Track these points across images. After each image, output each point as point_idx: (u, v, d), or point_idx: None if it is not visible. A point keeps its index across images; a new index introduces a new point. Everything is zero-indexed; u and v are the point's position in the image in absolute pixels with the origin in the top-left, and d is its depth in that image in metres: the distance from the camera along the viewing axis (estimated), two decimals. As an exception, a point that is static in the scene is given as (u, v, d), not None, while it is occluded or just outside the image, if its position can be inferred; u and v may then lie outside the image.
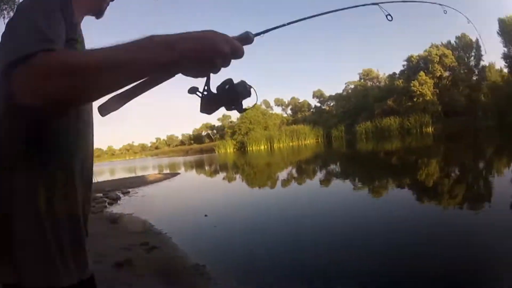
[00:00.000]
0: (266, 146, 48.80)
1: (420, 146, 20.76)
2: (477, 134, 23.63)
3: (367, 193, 8.68)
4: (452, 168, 11.21)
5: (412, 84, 40.36)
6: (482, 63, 41.17)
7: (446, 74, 41.57)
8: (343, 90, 58.27)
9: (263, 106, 66.01)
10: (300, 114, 68.68)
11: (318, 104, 65.79)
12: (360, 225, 5.81)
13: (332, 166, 17.63)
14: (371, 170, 13.41)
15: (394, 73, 49.07)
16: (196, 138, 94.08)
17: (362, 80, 55.61)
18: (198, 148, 71.48)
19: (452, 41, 43.19)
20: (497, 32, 36.78)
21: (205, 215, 7.44)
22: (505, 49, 36.69)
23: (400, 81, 44.47)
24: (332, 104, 61.73)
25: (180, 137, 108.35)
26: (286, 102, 72.70)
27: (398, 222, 5.55)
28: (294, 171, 17.00)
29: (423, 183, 8.85)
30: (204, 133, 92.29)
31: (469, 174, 9.81)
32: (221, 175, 19.80)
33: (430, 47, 42.15)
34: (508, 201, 5.98)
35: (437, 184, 8.56)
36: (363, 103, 48.77)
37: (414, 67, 43.42)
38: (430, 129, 37.07)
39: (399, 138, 30.61)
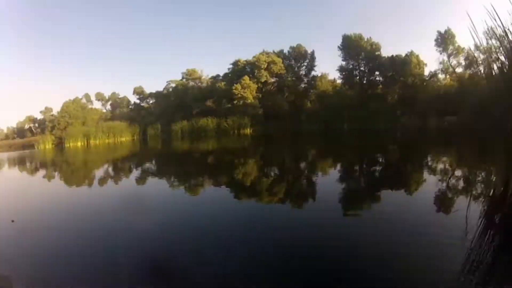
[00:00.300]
0: (83, 143, 45.78)
1: (235, 147, 21.66)
2: (297, 137, 25.36)
3: (181, 191, 8.88)
4: (270, 166, 12.06)
5: (234, 87, 41.00)
6: (314, 73, 43.89)
7: (272, 80, 43.30)
8: (164, 89, 57.47)
9: (84, 100, 61.39)
10: (119, 110, 65.82)
11: (138, 101, 63.53)
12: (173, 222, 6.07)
13: (148, 165, 17.02)
14: (183, 168, 13.53)
15: (218, 75, 49.88)
16: (20, 132, 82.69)
17: (184, 80, 54.95)
18: (21, 144, 63.06)
19: (286, 51, 45.09)
20: (338, 47, 40.10)
21: (12, 221, 6.61)
22: (343, 62, 40.04)
23: (223, 83, 44.95)
24: (151, 102, 60.85)
25: (5, 130, 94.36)
26: (107, 97, 68.17)
27: (210, 216, 6.15)
28: (109, 170, 15.69)
29: (234, 181, 9.44)
30: (27, 127, 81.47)
31: (278, 172, 10.75)
32: (32, 174, 17.07)
33: (260, 54, 43.65)
34: (323, 198, 6.96)
35: (257, 182, 8.93)
36: (182, 103, 48.56)
37: (240, 71, 44.34)
38: (248, 131, 38.04)
39: (215, 138, 31.21)
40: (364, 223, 5.31)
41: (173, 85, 55.09)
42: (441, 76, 36.74)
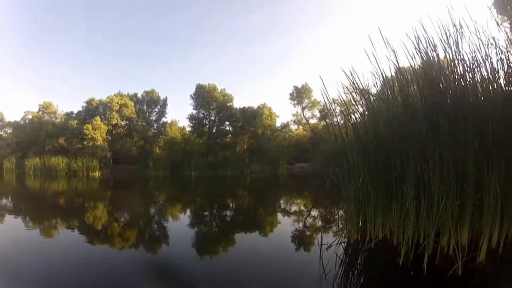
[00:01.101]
0: None
1: (85, 189, 20.48)
2: (144, 183, 24.88)
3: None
4: (120, 211, 11.47)
5: (85, 127, 39.18)
6: (164, 119, 43.46)
7: (123, 123, 42.20)
8: (21, 119, 51.78)
9: None
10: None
11: (-4, 129, 57.66)
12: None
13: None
14: (40, 209, 11.86)
15: (72, 112, 47.11)
16: None
17: (40, 112, 50.31)
18: None
19: (139, 95, 44.62)
20: (191, 95, 40.74)
21: None
22: (194, 111, 40.55)
23: (75, 121, 42.49)
24: (9, 131, 54.04)
25: None
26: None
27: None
28: None
29: (86, 225, 8.63)
30: None
31: (128, 217, 10.29)
32: None
33: (114, 95, 42.45)
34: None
35: (107, 226, 8.41)
36: (36, 137, 45.26)
37: (93, 110, 42.64)
38: (97, 174, 36.68)
39: (65, 179, 29.11)
40: (219, 265, 5.31)
41: (30, 116, 50.43)
42: (293, 127, 39.25)
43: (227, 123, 40.17)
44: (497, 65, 4.54)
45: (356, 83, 6.30)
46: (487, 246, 4.43)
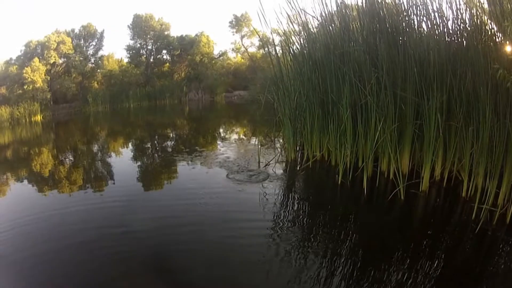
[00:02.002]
0: None
1: (29, 136, 19.67)
2: (86, 119, 24.47)
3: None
4: (64, 153, 10.84)
5: (24, 71, 34.57)
6: (101, 52, 39.68)
7: (60, 61, 37.87)
8: None
9: None
10: None
11: None
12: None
13: None
14: None
15: (11, 59, 40.36)
16: None
17: None
18: None
19: (77, 30, 40.31)
20: (128, 26, 37.84)
21: None
22: (131, 41, 37.94)
23: (15, 67, 37.13)
24: None
25: None
26: None
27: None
28: None
29: (34, 173, 7.91)
30: None
31: (83, 156, 9.73)
32: None
33: (51, 33, 37.98)
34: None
35: (54, 171, 7.83)
36: None
37: (31, 52, 37.50)
38: (39, 117, 32.98)
39: (9, 129, 26.96)
40: (164, 198, 5.12)
41: (-32, 72, 45.45)
42: (232, 55, 37.65)
43: (164, 51, 38.12)
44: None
45: (298, 13, 6.11)
46: (430, 176, 4.47)
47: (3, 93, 37.19)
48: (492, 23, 3.75)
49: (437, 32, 4.37)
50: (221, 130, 13.17)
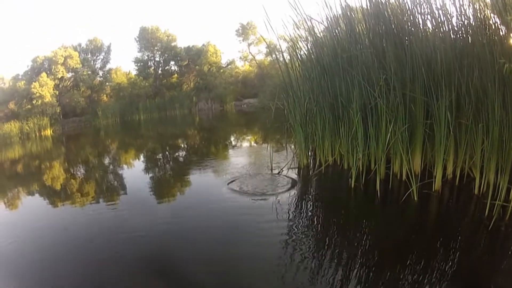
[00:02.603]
0: None
1: (39, 150, 19.28)
2: (96, 132, 24.28)
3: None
4: (76, 166, 11.03)
5: (33, 86, 35.28)
6: (109, 65, 40.32)
7: (68, 75, 38.57)
8: None
9: None
10: None
11: None
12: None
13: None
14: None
15: (18, 74, 41.71)
16: None
17: None
18: None
19: (84, 44, 41.09)
20: (135, 38, 38.29)
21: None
22: (139, 54, 38.31)
23: (22, 82, 38.34)
24: None
25: None
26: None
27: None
28: None
29: (46, 187, 8.08)
30: None
31: (94, 169, 9.92)
32: None
33: (58, 48, 38.65)
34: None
35: (67, 184, 8.01)
36: None
37: (38, 68, 38.39)
38: (49, 132, 33.83)
39: (19, 143, 27.01)
40: (177, 207, 5.25)
41: (-23, 84, 46.71)
42: (239, 63, 37.85)
43: (172, 63, 38.46)
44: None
45: (304, 18, 6.15)
46: (442, 175, 4.48)
47: (12, 109, 38.00)
48: (495, 17, 3.78)
49: (442, 30, 4.40)
50: (232, 139, 13.22)
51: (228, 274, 3.11)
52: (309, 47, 6.57)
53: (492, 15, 3.80)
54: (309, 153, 6.75)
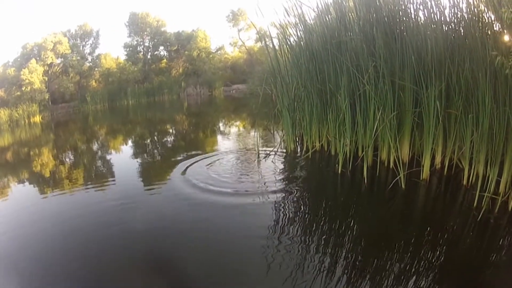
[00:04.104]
0: None
1: (28, 137, 19.12)
2: (84, 118, 24.48)
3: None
4: (65, 152, 10.78)
5: (22, 73, 34.48)
6: (98, 51, 39.70)
7: (58, 61, 37.89)
8: None
9: None
10: None
11: None
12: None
13: None
14: None
15: (8, 62, 40.82)
16: None
17: None
18: None
19: (73, 30, 40.48)
20: (125, 24, 38.28)
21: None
22: (128, 39, 38.14)
23: (12, 69, 37.07)
24: None
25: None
26: None
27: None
28: None
29: (36, 174, 7.84)
30: None
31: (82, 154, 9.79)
32: None
33: (48, 34, 38.21)
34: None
35: (56, 171, 7.83)
36: None
37: (28, 54, 37.51)
38: (38, 118, 32.83)
39: (9, 131, 26.47)
40: (164, 192, 5.12)
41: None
42: (229, 49, 37.65)
43: (161, 48, 38.01)
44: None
45: (294, 4, 6.05)
46: (430, 165, 4.43)
47: (1, 96, 37.13)
48: (489, 11, 3.68)
49: (434, 21, 4.30)
50: (220, 124, 13.10)
51: (212, 251, 3.18)
52: (299, 33, 6.45)
53: (485, 9, 3.71)
54: (296, 139, 6.69)
